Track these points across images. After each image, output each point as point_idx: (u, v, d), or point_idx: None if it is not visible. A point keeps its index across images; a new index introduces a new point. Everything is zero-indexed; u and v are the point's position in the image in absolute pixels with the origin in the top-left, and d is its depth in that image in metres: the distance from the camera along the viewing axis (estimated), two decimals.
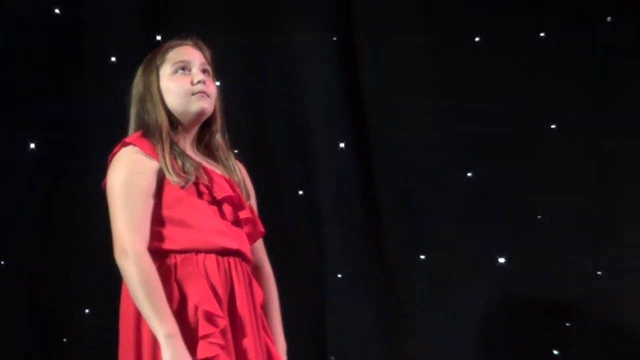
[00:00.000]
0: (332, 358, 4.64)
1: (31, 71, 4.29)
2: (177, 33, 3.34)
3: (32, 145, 4.24)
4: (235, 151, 3.50)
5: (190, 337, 2.96)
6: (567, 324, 5.04)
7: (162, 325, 2.91)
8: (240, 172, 3.28)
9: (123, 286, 3.06)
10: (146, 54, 3.33)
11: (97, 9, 4.45)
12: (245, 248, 3.17)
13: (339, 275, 4.72)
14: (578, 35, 5.23)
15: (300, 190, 4.73)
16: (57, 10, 4.37)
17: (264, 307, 3.26)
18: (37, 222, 4.22)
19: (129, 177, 3.07)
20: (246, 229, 3.20)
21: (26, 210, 4.23)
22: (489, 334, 4.94)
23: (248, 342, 3.08)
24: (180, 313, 2.98)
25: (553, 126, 5.15)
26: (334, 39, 4.88)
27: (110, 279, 3.18)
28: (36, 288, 4.18)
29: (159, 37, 4.15)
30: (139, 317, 3.00)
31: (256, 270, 3.30)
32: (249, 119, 4.33)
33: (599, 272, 5.09)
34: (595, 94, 5.23)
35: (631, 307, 5.05)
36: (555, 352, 5.01)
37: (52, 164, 4.27)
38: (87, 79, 4.35)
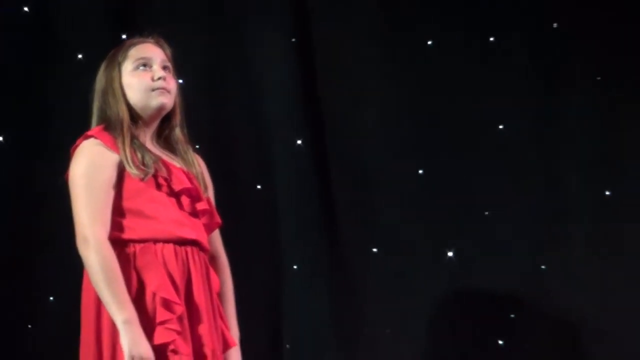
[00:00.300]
0: (288, 346, 4.65)
1: (2, 67, 4.28)
2: (142, 32, 3.37)
3: (0, 139, 4.24)
4: (197, 146, 3.52)
5: (148, 323, 3.01)
6: (512, 316, 5.09)
7: (120, 312, 2.96)
8: (199, 165, 3.31)
9: (85, 274, 3.09)
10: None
11: (65, 7, 4.45)
12: (202, 238, 3.21)
13: (295, 267, 4.73)
14: (526, 40, 5.31)
15: (259, 184, 4.72)
16: (25, 9, 4.36)
17: (220, 295, 3.29)
18: (3, 213, 4.21)
19: (90, 169, 3.11)
20: (203, 220, 3.24)
21: None
22: (437, 325, 4.98)
23: (204, 328, 3.12)
24: (138, 300, 3.03)
25: (501, 126, 5.22)
26: (293, 40, 4.90)
27: (75, 268, 3.21)
28: (1, 276, 4.17)
29: (124, 36, 4.15)
30: (99, 304, 3.04)
31: (213, 260, 3.32)
32: (209, 116, 4.33)
33: (542, 267, 5.18)
34: (541, 96, 5.32)
35: (572, 300, 5.15)
36: (500, 342, 5.06)
37: (19, 156, 4.26)
38: (54, 76, 4.35)
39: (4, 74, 4.26)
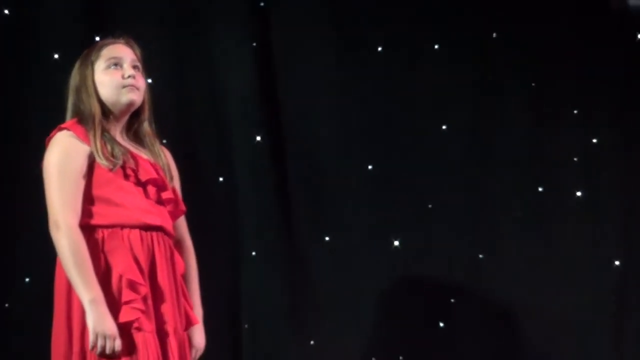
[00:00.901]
0: (246, 325, 4.65)
1: None
2: (114, 33, 3.37)
3: None
4: (164, 141, 3.52)
5: (115, 303, 3.02)
6: (452, 300, 5.16)
7: (87, 292, 2.96)
8: (165, 157, 3.31)
9: (58, 258, 3.09)
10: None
11: (43, 11, 4.43)
12: (167, 224, 3.21)
13: (253, 253, 4.73)
14: (467, 48, 5.36)
15: (221, 177, 4.72)
16: (6, 11, 4.34)
17: (185, 277, 3.29)
18: None
19: (63, 159, 3.11)
20: (169, 207, 3.24)
21: None
22: (383, 308, 5.03)
23: (167, 307, 3.13)
24: (106, 281, 3.03)
25: (444, 127, 5.26)
26: (254, 44, 4.90)
27: (50, 251, 3.17)
28: None
29: (97, 38, 4.13)
30: (70, 285, 3.03)
31: (178, 244, 3.32)
32: (175, 113, 4.32)
33: (480, 256, 5.25)
34: (480, 100, 5.39)
35: (505, 286, 5.25)
36: (441, 324, 5.11)
37: (3, 145, 4.24)
38: (32, 73, 4.33)
39: None
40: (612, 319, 5.44)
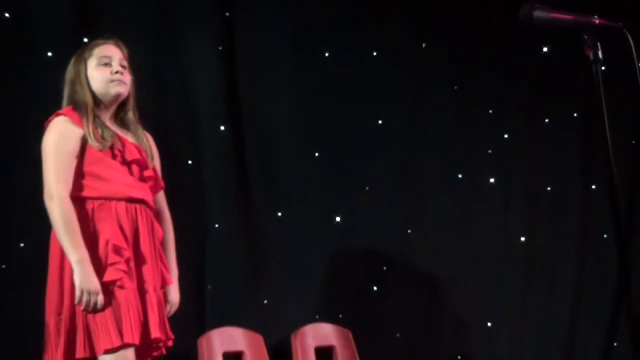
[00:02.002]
0: (210, 287, 4.63)
1: None
2: (100, 37, 3.38)
3: None
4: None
5: (101, 265, 3.03)
6: (384, 268, 5.23)
7: (75, 253, 2.98)
8: (148, 141, 3.34)
9: (53, 230, 3.09)
10: (75, 51, 3.37)
11: (39, 15, 4.39)
12: (149, 198, 3.25)
13: (217, 225, 4.72)
14: (401, 56, 5.43)
15: (190, 160, 4.70)
16: (7, 15, 4.31)
17: (163, 243, 3.33)
18: None
19: (59, 140, 3.12)
20: (150, 184, 3.27)
21: None
22: (326, 274, 5.05)
23: (147, 269, 3.16)
24: (94, 246, 3.05)
25: (380, 122, 5.35)
26: (220, 48, 4.89)
27: (42, 221, 3.19)
28: None
29: (86, 40, 4.12)
30: (62, 251, 3.04)
31: (158, 215, 3.35)
32: (153, 106, 4.30)
33: (409, 231, 5.35)
34: (411, 100, 5.49)
35: (431, 257, 5.35)
36: (375, 288, 5.18)
37: (2, 130, 4.21)
38: (29, 68, 4.30)
39: None
40: (519, 284, 5.60)
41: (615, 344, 5.67)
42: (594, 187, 5.82)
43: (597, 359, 5.70)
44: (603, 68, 2.14)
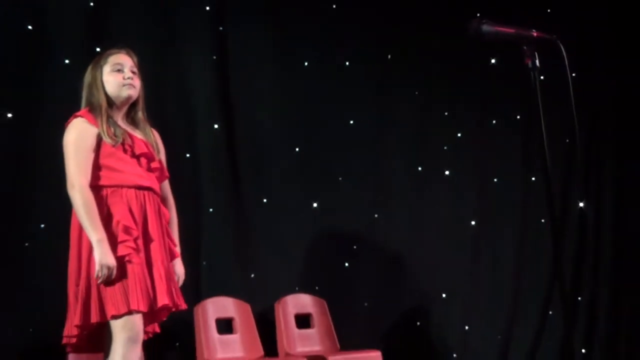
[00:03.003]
0: (204, 263, 4.63)
1: (11, 65, 4.21)
2: (111, 46, 3.36)
3: (10, 115, 4.18)
4: None
5: (114, 242, 3.03)
6: (355, 247, 5.25)
7: (94, 233, 2.98)
8: (154, 137, 3.33)
9: (73, 210, 3.09)
10: (89, 59, 3.36)
11: (57, 27, 4.37)
12: (155, 186, 3.24)
13: (211, 209, 4.73)
14: (370, 65, 5.45)
15: (188, 154, 4.70)
16: (29, 27, 4.29)
17: (169, 224, 3.32)
18: (11, 166, 4.15)
19: (78, 137, 3.12)
20: (156, 174, 3.26)
21: (2, 156, 4.14)
22: (305, 252, 5.06)
23: (155, 246, 3.14)
24: (108, 226, 3.05)
25: (351, 122, 5.37)
26: (214, 57, 4.90)
27: (60, 205, 3.22)
28: (7, 210, 4.08)
29: (98, 49, 4.11)
30: (81, 229, 3.05)
31: (164, 200, 3.34)
32: (157, 106, 4.25)
33: (376, 215, 5.37)
34: (378, 103, 5.50)
35: (395, 237, 5.37)
36: (346, 264, 5.20)
37: (24, 126, 4.18)
38: (49, 73, 4.29)
39: (15, 72, 4.18)
40: (469, 261, 5.66)
41: (550, 312, 5.73)
42: (533, 178, 5.84)
43: (534, 325, 5.75)
44: (542, 77, 2.18)
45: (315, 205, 5.13)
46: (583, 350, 5.90)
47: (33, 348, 3.94)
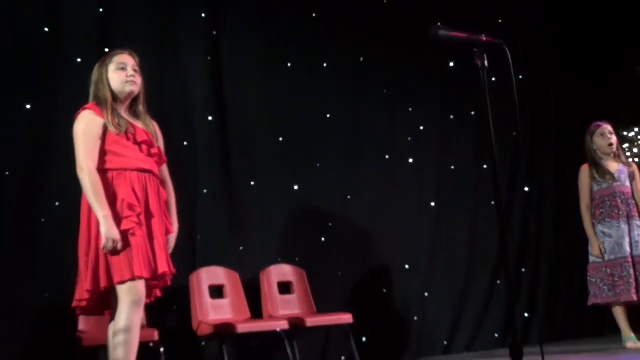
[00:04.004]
0: (199, 237, 4.63)
1: (30, 63, 4.18)
2: (118, 47, 3.36)
3: (28, 106, 4.16)
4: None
5: (118, 217, 3.03)
6: (330, 224, 5.25)
7: (101, 210, 2.98)
8: (153, 126, 3.31)
9: (83, 192, 3.09)
10: (98, 58, 3.34)
11: (70, 30, 4.35)
12: (155, 169, 3.23)
13: (205, 191, 4.73)
14: (345, 66, 5.46)
15: (185, 142, 4.70)
16: (46, 29, 4.27)
17: (167, 203, 3.31)
18: (29, 151, 4.13)
19: (86, 127, 3.10)
20: (155, 159, 3.24)
21: (22, 142, 4.13)
22: (286, 228, 5.05)
23: (155, 221, 3.14)
24: (113, 204, 3.04)
25: (328, 115, 5.37)
26: (209, 58, 4.89)
27: (71, 186, 3.21)
28: (26, 190, 4.07)
29: (106, 49, 4.08)
30: (90, 207, 3.05)
31: (163, 182, 3.31)
32: (157, 101, 4.27)
33: (348, 197, 5.37)
34: (352, 99, 5.50)
35: (363, 216, 5.37)
36: (323, 239, 5.20)
37: (40, 117, 4.17)
38: (63, 71, 4.27)
39: (33, 69, 4.16)
40: (429, 237, 5.68)
41: (498, 282, 5.79)
42: (485, 166, 5.90)
43: (484, 293, 5.79)
44: (493, 79, 2.21)
45: (296, 187, 5.13)
46: (526, 315, 5.97)
47: (48, 310, 3.93)
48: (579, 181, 4.89)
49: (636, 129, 6.14)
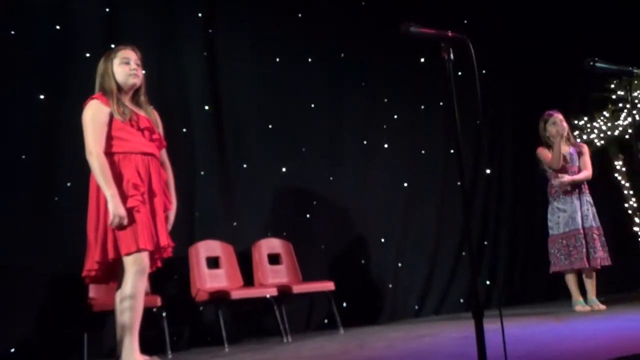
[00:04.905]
0: (197, 213, 4.61)
1: (43, 57, 4.13)
2: (122, 43, 3.34)
3: (42, 96, 4.11)
4: (152, 106, 3.47)
5: (124, 196, 3.04)
6: (314, 202, 5.24)
7: (108, 189, 2.99)
8: (154, 114, 3.31)
9: (91, 174, 3.08)
10: (104, 53, 3.32)
11: (80, 27, 4.31)
12: (156, 153, 3.24)
13: (202, 173, 4.70)
14: (327, 62, 5.45)
15: (184, 129, 4.66)
16: (57, 27, 4.22)
17: (166, 183, 3.31)
18: (43, 137, 4.09)
19: (94, 115, 3.10)
20: (156, 143, 3.25)
21: (37, 129, 4.08)
22: (275, 205, 5.02)
23: (157, 199, 3.16)
24: (119, 184, 3.05)
25: (312, 105, 5.36)
26: (205, 53, 4.85)
27: (81, 169, 3.19)
28: (41, 172, 4.03)
29: (112, 45, 4.04)
30: (98, 188, 3.05)
31: (162, 164, 3.32)
32: (159, 92, 4.23)
33: (331, 178, 5.36)
34: (334, 91, 5.48)
35: (344, 195, 5.36)
36: (308, 215, 5.18)
37: (52, 107, 4.12)
38: (73, 64, 4.22)
39: (46, 63, 4.11)
40: (402, 213, 5.69)
41: (463, 253, 5.83)
42: (451, 151, 5.92)
43: (450, 264, 5.83)
44: (459, 73, 2.20)
45: (284, 169, 5.12)
46: (487, 282, 6.03)
47: (61, 279, 3.92)
48: (541, 157, 4.90)
49: (585, 118, 6.17)
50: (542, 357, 2.60)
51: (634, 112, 5.34)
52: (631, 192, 6.12)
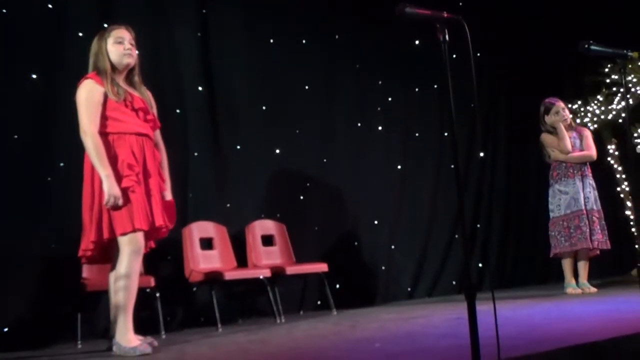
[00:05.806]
0: (190, 195, 4.59)
1: (36, 36, 4.09)
2: (116, 22, 3.33)
3: (34, 76, 4.08)
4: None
5: (119, 176, 3.06)
6: (308, 184, 5.25)
7: (103, 170, 3.00)
8: (148, 95, 3.32)
9: (86, 154, 3.08)
10: (98, 32, 3.32)
11: (73, 6, 4.26)
12: (150, 133, 3.25)
13: (195, 154, 4.68)
14: (321, 44, 5.43)
15: (178, 110, 4.63)
16: (50, 6, 4.18)
17: (161, 164, 3.33)
18: (36, 116, 4.06)
19: (88, 94, 3.11)
20: (150, 124, 3.27)
21: (29, 108, 4.05)
22: (269, 187, 5.02)
23: (152, 180, 3.18)
24: (114, 164, 3.07)
25: (306, 87, 5.35)
26: (198, 34, 4.82)
27: (74, 148, 3.19)
28: (33, 152, 4.00)
29: (105, 25, 4.00)
30: (93, 167, 3.06)
31: (157, 146, 3.34)
32: (153, 72, 4.20)
33: (324, 160, 5.38)
34: (327, 74, 5.47)
35: (338, 177, 5.35)
36: (301, 197, 5.20)
37: (45, 86, 4.07)
38: (66, 43, 4.19)
39: (38, 42, 4.06)
40: (396, 196, 5.71)
41: (455, 236, 5.87)
42: (445, 134, 5.94)
43: (443, 246, 5.88)
44: (454, 55, 2.19)
45: (277, 151, 5.12)
46: (480, 265, 6.08)
47: (55, 260, 3.92)
48: (546, 142, 4.92)
49: (579, 102, 6.19)
50: (534, 338, 2.64)
51: (628, 96, 5.37)
52: (624, 176, 6.17)
